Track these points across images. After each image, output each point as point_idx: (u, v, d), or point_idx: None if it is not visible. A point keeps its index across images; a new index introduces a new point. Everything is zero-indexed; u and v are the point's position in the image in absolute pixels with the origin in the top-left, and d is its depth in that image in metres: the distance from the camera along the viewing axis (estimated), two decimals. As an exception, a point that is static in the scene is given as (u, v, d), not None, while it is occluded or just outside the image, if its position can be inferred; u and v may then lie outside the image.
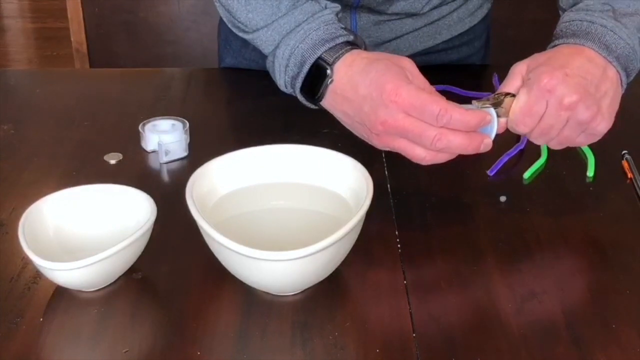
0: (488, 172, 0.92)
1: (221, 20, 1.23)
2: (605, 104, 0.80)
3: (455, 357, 0.66)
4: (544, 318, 0.70)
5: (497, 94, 0.81)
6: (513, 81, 0.82)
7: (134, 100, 1.11)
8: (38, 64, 3.06)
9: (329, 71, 0.83)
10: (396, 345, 0.67)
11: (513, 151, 0.96)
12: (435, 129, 0.76)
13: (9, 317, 0.70)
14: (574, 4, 0.88)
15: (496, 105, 0.80)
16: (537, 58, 0.82)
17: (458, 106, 0.77)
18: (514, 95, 0.80)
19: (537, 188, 0.90)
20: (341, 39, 0.85)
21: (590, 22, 0.83)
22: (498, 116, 0.80)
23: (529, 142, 0.98)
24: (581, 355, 0.66)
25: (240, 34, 0.93)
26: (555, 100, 0.78)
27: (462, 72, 1.19)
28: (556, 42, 0.85)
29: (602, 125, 0.80)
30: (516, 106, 0.80)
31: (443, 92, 1.09)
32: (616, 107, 0.82)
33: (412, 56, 1.17)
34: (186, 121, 0.98)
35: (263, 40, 0.89)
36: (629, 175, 0.92)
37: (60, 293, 0.73)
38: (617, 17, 0.84)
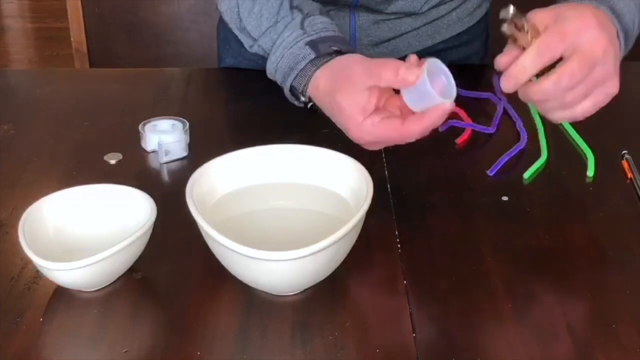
0: (488, 172, 0.92)
1: (221, 20, 1.23)
2: (615, 66, 0.77)
3: (455, 357, 0.66)
4: (544, 318, 0.70)
5: (527, 18, 0.75)
6: (544, 20, 0.76)
7: (134, 100, 1.11)
8: (38, 64, 3.06)
9: (302, 98, 0.89)
10: (396, 345, 0.67)
11: (513, 151, 0.96)
12: (403, 138, 0.79)
13: (9, 317, 0.70)
14: None
15: (523, 27, 0.74)
16: (560, 6, 0.77)
17: (414, 116, 0.78)
18: (539, 33, 0.75)
19: (537, 188, 0.90)
20: (304, 62, 0.87)
21: None
22: (517, 44, 0.75)
23: (529, 142, 0.98)
24: (581, 355, 0.66)
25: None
26: (591, 38, 0.74)
27: (462, 72, 1.18)
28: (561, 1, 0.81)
29: (616, 84, 0.77)
30: (548, 30, 0.74)
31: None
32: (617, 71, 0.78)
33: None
34: (186, 121, 0.98)
35: (259, 51, 0.95)
36: (629, 175, 0.92)
37: (60, 293, 0.73)
38: None
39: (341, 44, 0.89)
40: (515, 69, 0.75)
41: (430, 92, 0.74)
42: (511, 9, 0.74)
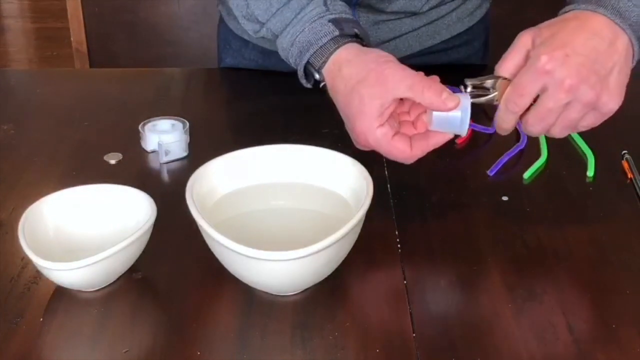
0: (488, 172, 0.92)
1: (221, 20, 1.24)
2: (613, 80, 0.77)
3: (455, 357, 0.66)
4: (544, 318, 0.70)
5: (491, 76, 0.79)
6: (516, 54, 0.79)
7: (134, 100, 1.11)
8: (38, 64, 3.06)
9: (317, 76, 0.85)
10: (396, 345, 0.67)
11: (513, 151, 0.96)
12: (403, 159, 0.81)
13: (9, 317, 0.70)
14: None
15: (487, 89, 0.79)
16: (542, 32, 0.79)
17: (419, 136, 0.80)
18: (509, 80, 0.78)
19: (537, 188, 0.90)
20: (325, 39, 0.84)
21: None
22: (493, 102, 0.79)
23: (529, 142, 0.98)
24: (581, 355, 0.66)
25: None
26: (554, 82, 0.75)
27: (462, 72, 1.18)
28: (568, 7, 0.81)
29: (611, 103, 0.77)
30: (510, 86, 0.78)
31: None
32: (625, 80, 0.78)
33: (411, 56, 1.18)
34: (186, 121, 0.98)
35: (267, 34, 0.91)
36: (629, 175, 0.92)
37: (60, 293, 0.73)
38: None
39: (362, 28, 0.88)
40: (498, 122, 0.81)
41: (463, 122, 0.78)
42: (469, 86, 0.80)
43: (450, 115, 0.77)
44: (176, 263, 0.77)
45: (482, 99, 0.80)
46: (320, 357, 0.66)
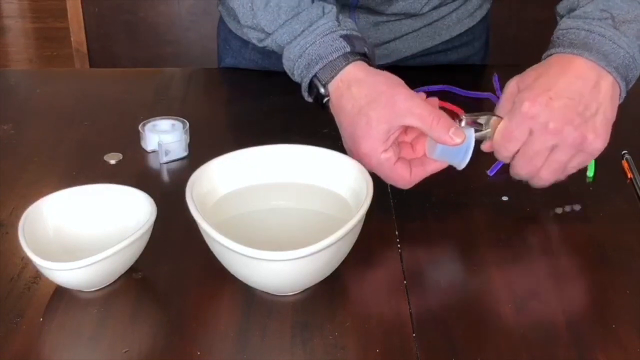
0: (488, 172, 0.92)
1: (221, 20, 1.24)
2: (598, 121, 0.79)
3: (455, 357, 0.66)
4: (544, 318, 0.70)
5: (485, 113, 0.82)
6: (506, 102, 0.82)
7: (134, 100, 1.11)
8: (38, 64, 3.06)
9: (322, 90, 0.85)
10: (396, 345, 0.67)
11: (513, 151, 0.96)
12: (402, 184, 0.82)
13: (9, 317, 0.70)
14: (571, 10, 0.86)
15: (481, 124, 0.82)
16: (526, 77, 0.82)
17: (417, 161, 0.82)
18: (501, 118, 0.81)
19: (537, 188, 0.90)
20: (336, 54, 0.84)
21: (588, 31, 0.81)
22: (486, 138, 0.82)
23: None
24: (581, 355, 0.66)
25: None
26: (539, 126, 0.78)
27: (462, 72, 1.19)
28: (552, 50, 0.83)
29: (597, 143, 0.79)
30: (499, 130, 0.81)
31: (443, 92, 1.10)
32: (611, 120, 0.80)
33: (411, 57, 1.18)
34: (186, 121, 0.98)
35: (272, 45, 0.91)
36: (629, 175, 0.92)
37: (60, 293, 0.73)
38: (616, 25, 0.81)
39: (370, 48, 0.88)
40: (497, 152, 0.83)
41: (466, 155, 0.80)
42: (463, 121, 0.82)
43: (454, 148, 0.79)
44: (176, 263, 0.77)
45: (476, 135, 0.81)
46: (320, 357, 0.66)
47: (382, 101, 0.79)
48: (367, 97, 0.80)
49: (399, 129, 0.80)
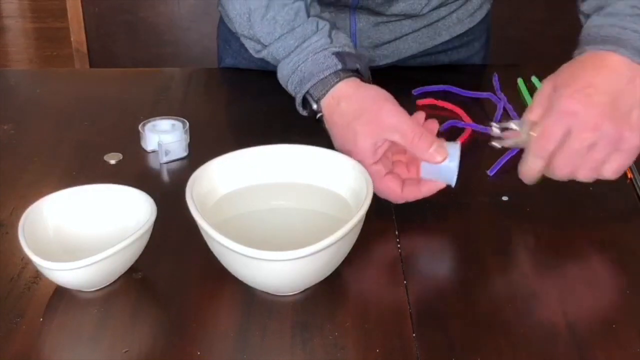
0: (488, 172, 0.92)
1: (221, 20, 1.24)
2: (634, 117, 0.78)
3: (455, 357, 0.66)
4: (544, 318, 0.70)
5: (513, 120, 0.82)
6: (541, 101, 0.80)
7: (134, 100, 1.11)
8: (38, 64, 3.06)
9: (315, 106, 0.88)
10: (396, 345, 0.67)
11: (513, 151, 0.96)
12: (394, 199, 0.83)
13: (9, 317, 0.70)
14: (599, 8, 0.85)
15: (515, 129, 0.81)
16: (561, 76, 0.81)
17: (412, 181, 0.82)
18: (534, 121, 0.80)
19: (537, 188, 0.90)
20: (328, 72, 0.86)
21: (621, 27, 0.81)
22: (521, 144, 0.81)
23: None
24: (581, 355, 0.66)
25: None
26: (578, 122, 0.76)
27: (462, 72, 1.19)
28: (585, 47, 0.82)
29: (634, 139, 0.78)
30: (536, 131, 0.79)
31: (443, 92, 1.10)
32: None
33: (411, 57, 1.18)
34: (186, 121, 0.98)
35: (268, 57, 0.93)
36: (629, 175, 0.92)
37: (60, 293, 0.73)
38: None
39: (363, 64, 0.90)
40: (524, 170, 0.81)
41: (451, 172, 0.80)
42: (495, 128, 0.82)
43: (441, 167, 0.79)
44: (176, 263, 0.77)
45: (510, 142, 0.81)
46: (320, 357, 0.66)
47: (368, 117, 0.82)
48: (355, 113, 0.83)
49: (386, 142, 0.81)
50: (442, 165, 0.79)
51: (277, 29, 0.90)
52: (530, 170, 0.81)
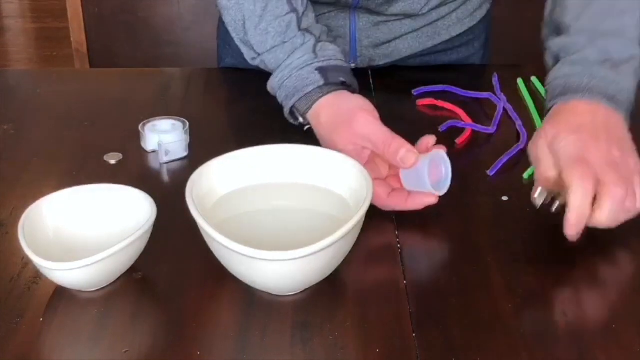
0: (488, 172, 0.92)
1: (221, 20, 1.23)
2: (628, 148, 0.81)
3: (455, 357, 0.66)
4: (544, 318, 0.70)
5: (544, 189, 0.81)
6: (549, 165, 0.81)
7: (134, 100, 1.11)
8: (38, 64, 3.06)
9: (300, 120, 0.93)
10: (396, 345, 0.67)
11: (513, 151, 0.96)
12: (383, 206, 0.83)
13: (9, 317, 0.70)
14: (564, 49, 0.89)
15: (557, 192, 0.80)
16: (549, 131, 0.81)
17: (401, 192, 0.82)
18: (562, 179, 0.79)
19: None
20: (311, 87, 0.90)
21: (590, 76, 0.84)
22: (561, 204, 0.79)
23: (529, 142, 0.97)
24: (581, 355, 0.66)
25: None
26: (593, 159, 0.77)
27: (462, 72, 1.19)
28: (558, 99, 0.84)
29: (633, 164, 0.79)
30: (568, 185, 0.77)
31: (443, 92, 1.10)
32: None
33: (411, 57, 1.18)
34: (186, 121, 0.98)
35: (261, 65, 0.98)
36: (629, 175, 0.91)
37: (60, 293, 0.73)
38: (613, 67, 0.84)
39: (349, 76, 0.93)
40: (569, 231, 0.76)
41: (424, 180, 0.79)
42: (540, 195, 0.81)
43: (417, 172, 0.80)
44: (176, 263, 0.77)
45: (556, 206, 0.80)
46: (320, 357, 0.66)
47: (343, 127, 0.85)
48: (332, 125, 0.87)
49: (364, 150, 0.83)
50: (418, 173, 0.79)
51: (269, 40, 0.94)
52: (572, 228, 0.77)
